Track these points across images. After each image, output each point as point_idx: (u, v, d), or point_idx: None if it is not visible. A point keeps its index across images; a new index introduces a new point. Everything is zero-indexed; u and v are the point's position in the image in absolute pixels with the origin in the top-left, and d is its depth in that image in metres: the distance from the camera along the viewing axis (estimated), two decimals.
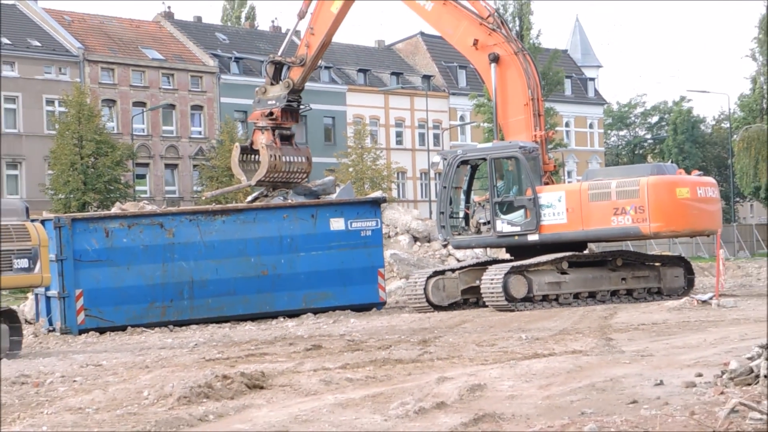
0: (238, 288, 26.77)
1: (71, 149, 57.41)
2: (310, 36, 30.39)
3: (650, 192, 25.82)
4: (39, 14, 68.66)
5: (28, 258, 19.85)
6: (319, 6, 30.03)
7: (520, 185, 27.11)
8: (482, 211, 27.53)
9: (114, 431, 10.56)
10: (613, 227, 26.32)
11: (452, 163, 27.57)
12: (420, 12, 29.26)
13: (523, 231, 26.75)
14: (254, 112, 31.04)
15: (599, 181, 26.86)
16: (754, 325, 18.56)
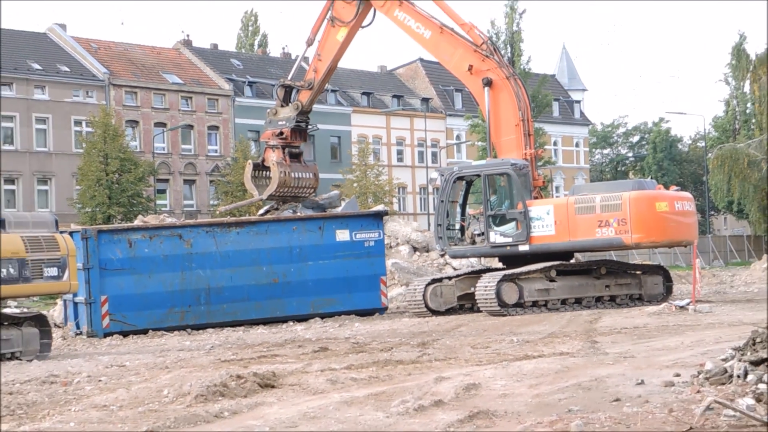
0: (251, 294, 26.77)
1: (97, 166, 57.46)
2: (317, 62, 30.28)
3: (632, 206, 25.82)
4: (68, 42, 68.76)
5: (57, 267, 19.85)
6: (326, 34, 29.95)
7: (511, 199, 27.10)
8: (477, 224, 27.56)
9: (136, 428, 10.54)
10: (598, 238, 26.29)
11: (449, 179, 27.56)
12: (419, 40, 29.17)
13: (514, 242, 26.73)
14: (266, 131, 30.92)
15: (585, 196, 26.83)
16: (728, 329, 18.53)
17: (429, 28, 28.76)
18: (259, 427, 10.30)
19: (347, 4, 29.47)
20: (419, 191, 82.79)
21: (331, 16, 29.74)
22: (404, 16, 28.95)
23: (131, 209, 56.64)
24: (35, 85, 63.41)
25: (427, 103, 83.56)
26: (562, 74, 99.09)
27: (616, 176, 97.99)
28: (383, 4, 29.20)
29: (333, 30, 29.78)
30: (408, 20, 28.95)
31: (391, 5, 29.06)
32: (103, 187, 57.15)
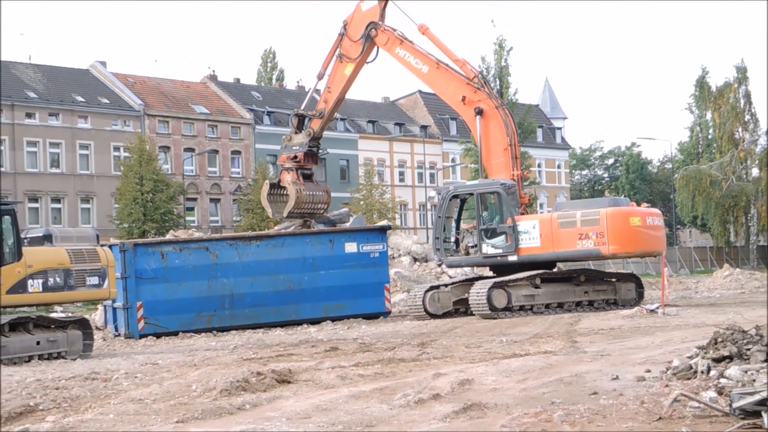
0: (270, 300, 26.71)
1: (134, 187, 57.46)
2: (327, 93, 30.19)
3: (609, 220, 25.88)
4: (108, 77, 68.85)
5: (98, 276, 19.86)
6: (335, 69, 29.89)
7: (501, 215, 27.07)
8: (470, 237, 27.50)
9: (168, 419, 10.53)
10: (578, 249, 26.30)
11: (445, 197, 27.55)
12: (418, 74, 29.16)
13: (504, 253, 26.70)
14: (281, 156, 30.86)
15: (566, 212, 26.84)
16: (693, 330, 18.48)
17: (426, 63, 28.75)
18: (277, 418, 10.28)
19: (354, 43, 29.41)
20: (419, 208, 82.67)
21: (339, 53, 29.67)
22: (404, 53, 28.95)
23: (163, 225, 56.58)
24: (79, 116, 63.48)
25: (426, 130, 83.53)
26: (545, 104, 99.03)
27: (594, 195, 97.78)
28: (386, 43, 29.19)
29: (341, 65, 29.74)
30: (408, 57, 28.93)
31: (393, 44, 29.05)
32: (138, 206, 57.15)
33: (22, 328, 18.90)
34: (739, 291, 36.86)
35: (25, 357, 18.57)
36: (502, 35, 69.21)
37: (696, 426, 8.64)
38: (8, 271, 18.42)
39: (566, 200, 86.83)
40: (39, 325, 19.28)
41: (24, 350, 18.63)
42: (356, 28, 29.53)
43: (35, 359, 18.66)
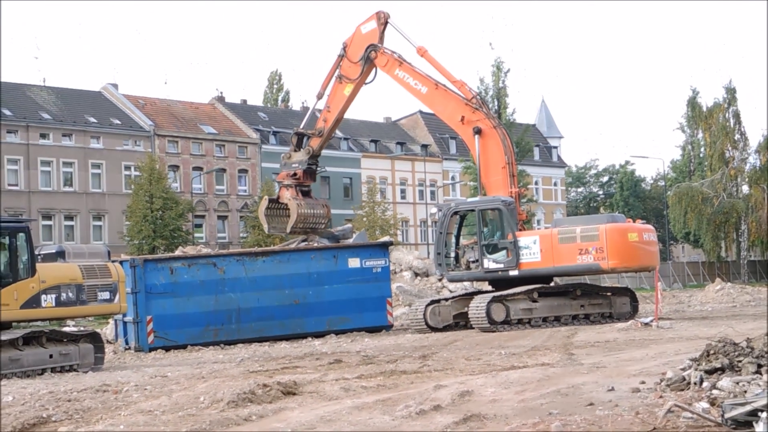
0: (276, 314, 26.68)
1: (144, 205, 57.54)
2: (327, 113, 30.12)
3: (608, 236, 25.93)
4: (119, 99, 69.04)
5: (109, 291, 19.87)
6: (334, 89, 29.86)
7: (502, 231, 27.02)
8: (471, 252, 27.44)
9: (177, 430, 10.50)
10: (578, 264, 26.33)
11: (447, 213, 27.48)
12: (417, 95, 29.17)
13: (505, 267, 26.66)
14: (281, 173, 30.81)
15: (566, 227, 26.84)
16: (687, 343, 18.43)
17: (425, 84, 28.75)
18: (283, 428, 10.25)
19: (353, 64, 29.40)
20: (420, 224, 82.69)
21: (339, 74, 29.66)
22: (403, 74, 28.95)
23: (173, 241, 56.60)
24: (91, 136, 63.64)
25: (426, 149, 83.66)
26: (541, 124, 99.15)
27: (589, 211, 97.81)
28: (385, 65, 29.19)
29: (340, 86, 29.72)
30: (407, 78, 28.94)
31: (392, 65, 29.06)
32: (148, 223, 57.21)
33: (35, 341, 18.91)
34: (731, 305, 36.80)
35: (39, 370, 18.56)
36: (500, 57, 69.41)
37: None
38: (22, 287, 18.43)
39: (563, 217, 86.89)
40: (52, 339, 19.28)
41: (37, 363, 18.62)
42: (356, 50, 29.53)
43: (48, 372, 18.65)
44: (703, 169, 73.28)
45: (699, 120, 72.18)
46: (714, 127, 69.66)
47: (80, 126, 63.08)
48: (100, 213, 63.74)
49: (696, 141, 75.71)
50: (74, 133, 62.66)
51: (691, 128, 75.01)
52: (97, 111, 65.73)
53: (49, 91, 65.80)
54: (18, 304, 18.36)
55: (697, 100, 72.77)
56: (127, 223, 60.13)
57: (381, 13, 29.43)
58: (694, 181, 70.78)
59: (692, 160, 77.53)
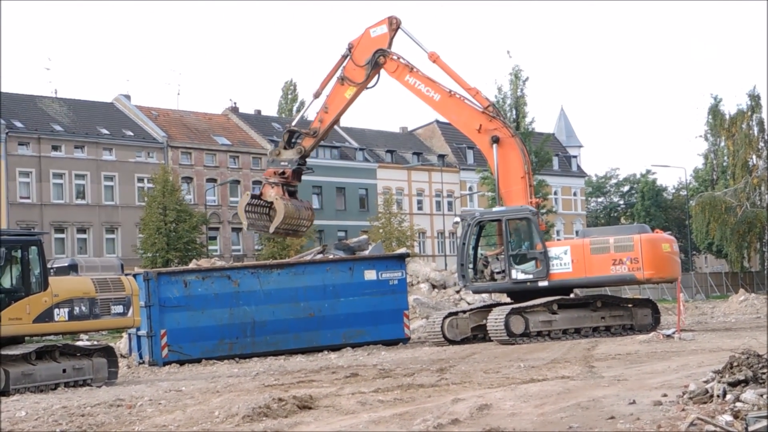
0: (291, 327, 26.71)
1: (157, 217, 57.72)
2: (324, 114, 29.06)
3: (643, 246, 26.18)
4: (132, 110, 69.37)
5: (122, 305, 19.97)
6: (335, 91, 28.84)
7: (531, 241, 26.96)
8: (496, 263, 27.17)
9: None
10: (612, 275, 26.59)
11: (471, 223, 27.25)
12: (429, 102, 28.59)
13: (535, 278, 26.61)
14: (268, 169, 29.43)
15: (599, 237, 27.03)
16: (710, 355, 18.37)
17: (438, 91, 28.26)
18: None
19: (358, 68, 28.50)
20: (437, 236, 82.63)
21: (341, 75, 28.71)
22: (415, 80, 28.40)
23: (187, 254, 56.73)
24: (104, 148, 63.94)
25: (443, 159, 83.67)
26: (560, 133, 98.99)
27: (610, 222, 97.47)
28: (395, 71, 28.52)
29: (342, 88, 28.71)
30: (419, 84, 28.41)
31: (402, 72, 28.43)
32: (162, 235, 57.39)
33: (48, 356, 19.01)
34: (755, 316, 36.61)
35: (52, 384, 18.64)
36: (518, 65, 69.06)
37: None
38: (35, 301, 18.55)
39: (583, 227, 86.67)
40: (65, 353, 19.38)
41: (50, 378, 18.70)
42: (363, 53, 28.60)
43: (62, 386, 18.73)
44: (726, 178, 72.94)
45: (721, 128, 71.90)
46: (737, 135, 69.36)
47: (92, 138, 63.40)
48: (113, 226, 64.00)
49: (719, 150, 75.39)
50: (86, 144, 62.99)
51: (713, 136, 74.70)
52: (109, 122, 66.06)
53: (60, 102, 66.20)
54: (30, 318, 18.47)
55: (719, 108, 72.50)
56: (140, 236, 60.34)
57: (393, 18, 28.71)
58: (717, 191, 70.45)
59: (715, 169, 77.17)
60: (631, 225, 35.11)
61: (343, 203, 76.16)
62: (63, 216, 61.19)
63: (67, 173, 61.81)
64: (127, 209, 63.93)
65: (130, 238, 62.53)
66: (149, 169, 63.55)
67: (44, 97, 65.99)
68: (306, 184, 72.85)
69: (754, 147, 69.46)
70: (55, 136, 61.69)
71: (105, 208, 63.43)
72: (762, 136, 70.19)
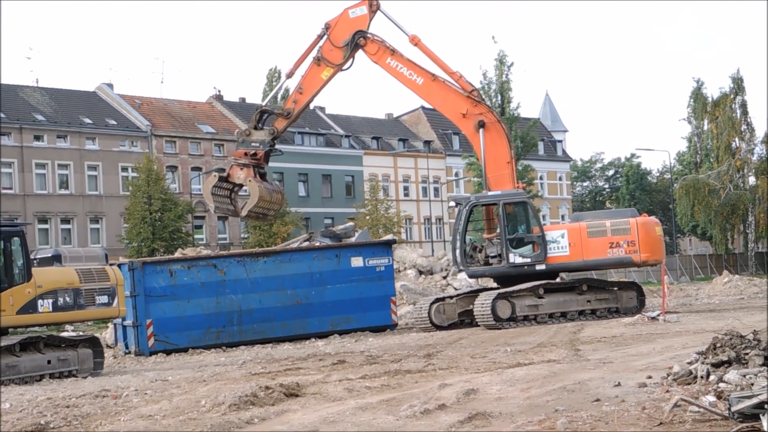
0: (278, 315, 26.71)
1: (142, 206, 57.56)
2: (298, 94, 27.83)
3: (639, 230, 26.71)
4: (115, 99, 69.04)
5: (107, 295, 19.91)
6: (311, 71, 27.58)
7: (527, 225, 26.99)
8: (492, 247, 27.05)
9: None
10: (609, 258, 26.99)
11: (466, 207, 27.00)
12: (412, 86, 27.85)
13: (532, 262, 26.67)
14: (238, 150, 28.09)
15: (595, 221, 27.33)
16: (693, 336, 18.46)
17: (421, 75, 27.56)
18: (286, 431, 10.28)
19: (336, 48, 27.38)
20: (423, 222, 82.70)
21: (318, 56, 27.49)
22: (396, 63, 27.58)
23: (172, 243, 56.59)
24: (87, 137, 63.65)
25: (429, 145, 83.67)
26: (545, 118, 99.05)
27: (595, 206, 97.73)
28: (375, 53, 27.60)
29: (318, 69, 27.49)
30: (400, 68, 27.61)
31: (382, 54, 27.53)
32: (147, 225, 57.24)
33: (33, 347, 18.94)
34: (738, 297, 36.83)
35: (36, 376, 18.59)
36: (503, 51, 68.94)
37: (696, 430, 8.64)
38: (18, 292, 18.48)
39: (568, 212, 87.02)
40: (50, 345, 19.32)
41: (35, 369, 18.65)
42: (341, 34, 27.46)
43: (46, 378, 18.69)
44: (709, 160, 73.23)
45: (703, 111, 72.16)
46: (720, 118, 69.64)
47: (75, 127, 63.09)
48: (97, 215, 63.76)
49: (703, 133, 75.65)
50: (69, 134, 62.68)
51: (696, 119, 74.96)
52: (92, 112, 65.74)
53: (42, 92, 65.82)
54: (14, 309, 18.40)
55: (702, 91, 72.72)
56: (125, 226, 60.17)
57: (373, 0, 27.61)
58: (701, 173, 70.72)
59: (698, 152, 77.46)
60: (623, 209, 35.54)
61: (329, 190, 76.09)
62: (46, 206, 60.93)
63: (50, 163, 61.52)
64: (111, 199, 63.71)
65: (114, 228, 62.34)
66: (133, 159, 63.33)
67: (26, 87, 65.59)
68: (292, 171, 73.27)
69: (737, 130, 69.76)
70: (38, 126, 61.36)
71: (89, 198, 63.18)
72: (745, 118, 70.49)
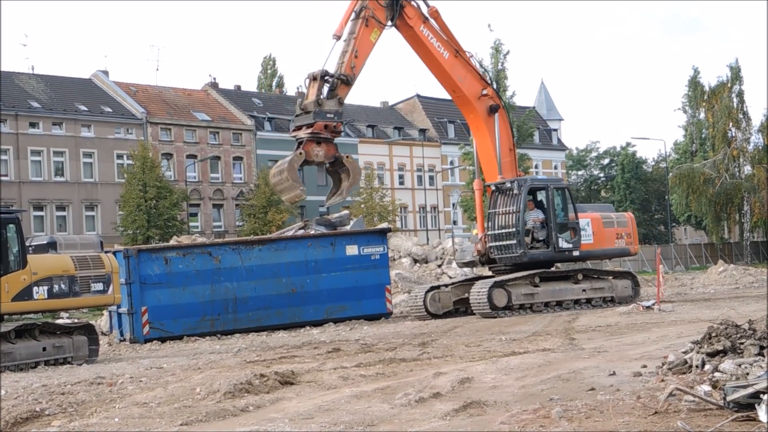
0: (273, 303, 26.70)
1: (137, 194, 57.51)
2: (354, 59, 24.95)
3: (631, 223, 28.76)
4: (110, 86, 68.90)
5: (102, 282, 19.88)
6: (361, 32, 25.17)
7: (566, 211, 27.02)
8: (541, 231, 26.62)
9: (172, 422, 10.52)
10: (615, 248, 28.35)
11: (523, 187, 26.30)
12: (439, 58, 26.66)
13: (572, 248, 26.97)
14: (317, 123, 24.23)
15: (606, 213, 28.82)
16: (689, 326, 18.49)
17: (447, 49, 26.71)
18: (280, 419, 10.28)
19: (380, 7, 25.54)
20: (418, 210, 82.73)
21: (366, 16, 25.21)
22: (428, 32, 26.49)
23: (167, 231, 56.59)
24: (82, 125, 63.52)
25: (424, 133, 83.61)
26: (541, 106, 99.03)
27: (590, 194, 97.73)
28: (412, 18, 26.03)
29: (367, 30, 25.26)
30: (431, 38, 26.55)
31: (418, 20, 26.21)
32: (142, 212, 57.20)
33: (28, 334, 18.94)
34: (734, 286, 36.90)
35: (32, 363, 18.59)
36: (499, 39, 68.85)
37: (691, 419, 8.64)
38: (14, 279, 18.44)
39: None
40: (45, 332, 19.31)
41: (30, 356, 18.65)
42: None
43: (41, 365, 18.68)
44: (705, 149, 73.22)
45: (700, 100, 72.12)
46: (717, 107, 69.60)
47: (71, 114, 62.96)
48: (92, 203, 63.69)
49: (698, 121, 75.62)
50: (65, 121, 62.54)
51: (692, 108, 74.91)
52: (87, 99, 65.59)
53: (38, 79, 65.64)
54: (9, 296, 18.37)
55: (699, 79, 72.68)
56: (120, 213, 60.13)
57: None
58: (697, 162, 70.71)
59: (694, 141, 77.43)
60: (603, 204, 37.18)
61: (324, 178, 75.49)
62: (42, 193, 60.84)
63: (45, 150, 61.40)
64: (106, 186, 63.62)
65: (109, 216, 62.28)
66: (128, 146, 63.23)
67: (21, 74, 65.44)
68: None
69: (734, 118, 69.72)
70: (33, 113, 61.21)
71: (84, 185, 63.08)
72: (741, 107, 70.46)
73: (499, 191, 26.76)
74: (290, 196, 25.11)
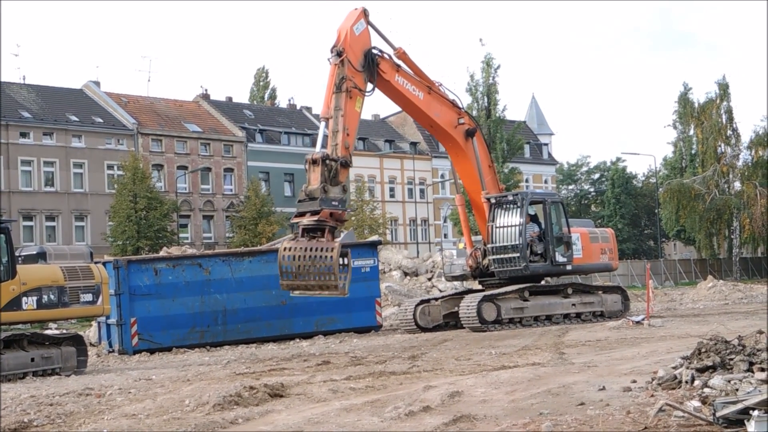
0: (262, 315, 26.66)
1: (127, 204, 57.39)
2: (346, 137, 23.05)
3: (612, 239, 29.10)
4: (101, 97, 68.82)
5: (92, 293, 19.84)
6: (347, 108, 23.36)
7: (560, 225, 27.13)
8: (538, 244, 26.73)
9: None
10: (600, 263, 28.56)
11: (526, 202, 26.46)
12: (415, 101, 26.11)
13: (567, 261, 27.09)
14: (323, 210, 21.74)
15: (592, 228, 29.13)
16: (678, 341, 18.52)
17: (420, 89, 26.23)
18: (270, 431, 10.25)
19: (357, 73, 23.85)
20: (409, 223, 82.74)
21: (347, 88, 23.39)
22: (403, 80, 25.79)
23: (157, 242, 56.45)
24: (73, 135, 63.41)
25: (415, 146, 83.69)
26: (532, 120, 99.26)
27: (580, 209, 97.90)
28: (387, 71, 25.02)
29: (351, 101, 23.60)
30: (406, 84, 25.93)
31: (392, 72, 25.36)
32: (132, 223, 57.07)
33: (16, 345, 18.86)
34: (723, 302, 36.99)
35: (20, 374, 18.51)
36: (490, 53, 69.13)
37: None
38: (3, 289, 18.38)
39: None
40: (33, 342, 19.23)
41: (19, 367, 18.57)
42: (355, 57, 23.95)
43: (30, 376, 18.61)
44: (695, 165, 73.46)
45: (690, 116, 72.41)
46: (706, 123, 69.89)
47: (61, 125, 62.84)
48: (82, 213, 63.51)
49: (688, 137, 75.88)
50: (55, 131, 62.43)
51: (682, 124, 75.17)
52: (78, 109, 65.50)
53: (29, 89, 65.54)
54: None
55: (689, 95, 72.98)
56: (110, 224, 59.96)
57: (364, 10, 24.47)
58: (686, 178, 70.93)
59: (684, 156, 77.67)
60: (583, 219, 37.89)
61: None
62: (31, 203, 60.66)
63: (35, 160, 61.26)
64: (96, 197, 63.47)
65: (99, 226, 62.11)
66: (119, 156, 63.12)
67: (12, 84, 65.31)
68: (278, 171, 73.23)
69: (723, 135, 70.00)
70: (24, 123, 61.08)
71: (74, 196, 62.93)
72: (730, 124, 70.77)
73: (499, 205, 26.86)
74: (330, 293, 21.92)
